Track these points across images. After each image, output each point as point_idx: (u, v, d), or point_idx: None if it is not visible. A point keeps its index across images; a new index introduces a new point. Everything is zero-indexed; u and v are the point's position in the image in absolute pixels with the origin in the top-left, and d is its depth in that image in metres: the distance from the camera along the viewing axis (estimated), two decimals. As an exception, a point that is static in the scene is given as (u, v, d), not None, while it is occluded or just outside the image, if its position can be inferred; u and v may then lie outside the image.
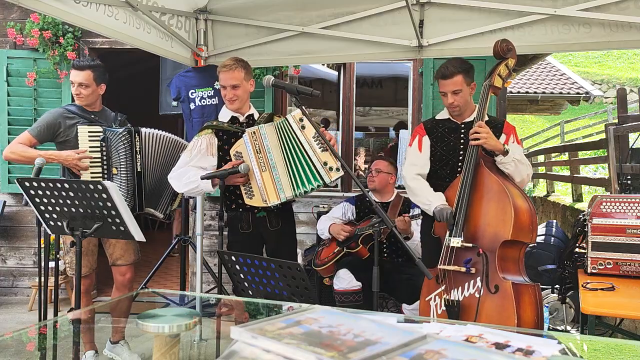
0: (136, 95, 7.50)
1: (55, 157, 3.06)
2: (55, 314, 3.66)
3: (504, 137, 2.78)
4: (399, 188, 3.94)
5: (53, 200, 2.35)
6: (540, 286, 2.65)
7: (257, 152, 2.78)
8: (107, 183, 2.28)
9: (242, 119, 2.96)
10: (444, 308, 2.62)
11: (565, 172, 7.89)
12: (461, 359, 0.79)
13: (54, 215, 2.40)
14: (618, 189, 3.94)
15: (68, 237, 3.08)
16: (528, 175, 2.72)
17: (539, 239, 4.03)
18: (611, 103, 16.86)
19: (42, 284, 3.08)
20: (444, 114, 2.95)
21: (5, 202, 5.18)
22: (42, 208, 2.39)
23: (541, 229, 4.23)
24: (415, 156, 2.93)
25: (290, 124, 2.75)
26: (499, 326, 1.22)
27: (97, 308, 2.43)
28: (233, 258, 2.16)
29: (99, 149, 3.12)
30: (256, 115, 3.00)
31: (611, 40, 3.25)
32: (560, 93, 13.19)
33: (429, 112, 4.87)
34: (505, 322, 2.38)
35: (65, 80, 4.90)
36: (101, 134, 3.13)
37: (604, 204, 2.68)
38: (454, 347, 0.83)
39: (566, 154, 7.67)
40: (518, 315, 2.40)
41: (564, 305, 3.39)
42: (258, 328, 0.87)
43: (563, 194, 7.87)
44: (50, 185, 2.32)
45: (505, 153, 2.62)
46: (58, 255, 3.59)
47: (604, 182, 5.56)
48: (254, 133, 2.79)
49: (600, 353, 1.30)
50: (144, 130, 3.24)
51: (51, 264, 3.74)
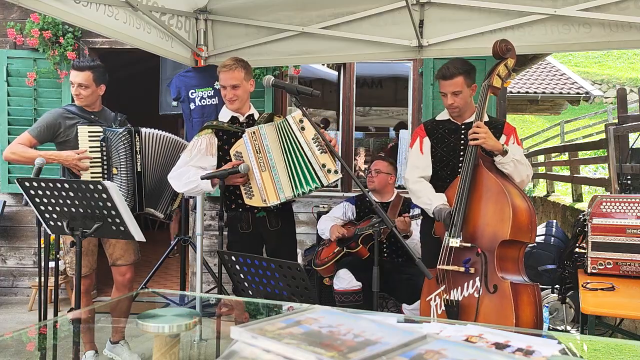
0: (136, 95, 7.49)
1: (56, 157, 3.06)
2: (55, 314, 3.66)
3: (504, 138, 2.78)
4: (399, 188, 3.94)
5: (53, 200, 2.35)
6: (540, 286, 2.65)
7: (257, 152, 2.77)
8: (107, 183, 2.28)
9: (242, 119, 2.96)
10: (444, 308, 2.63)
11: (565, 172, 7.89)
12: (461, 359, 0.79)
13: (54, 215, 2.40)
14: (618, 189, 3.94)
15: (68, 237, 3.08)
16: (528, 175, 2.71)
17: (539, 239, 4.03)
18: (611, 103, 16.87)
19: (42, 284, 3.08)
20: (444, 115, 2.94)
21: (5, 202, 5.18)
22: (42, 208, 2.39)
23: (541, 229, 4.23)
24: (417, 158, 2.92)
25: (290, 125, 2.75)
26: (499, 326, 1.22)
27: (97, 308, 2.43)
28: (233, 258, 2.16)
29: (99, 149, 3.12)
30: (256, 115, 3.00)
31: (611, 40, 3.26)
32: (560, 93, 13.19)
33: (429, 112, 4.87)
34: (503, 322, 2.38)
35: (65, 80, 4.90)
36: (101, 134, 3.13)
37: (604, 204, 2.68)
38: (454, 347, 0.83)
39: (566, 154, 7.67)
40: (516, 315, 2.40)
41: (564, 305, 3.39)
42: (258, 328, 0.87)
43: (563, 194, 7.87)
44: (50, 185, 2.32)
45: (505, 153, 2.62)
46: (58, 255, 3.59)
47: (604, 182, 5.56)
48: (254, 133, 2.79)
49: (600, 353, 1.30)
50: (144, 130, 3.24)
51: (51, 264, 3.74)
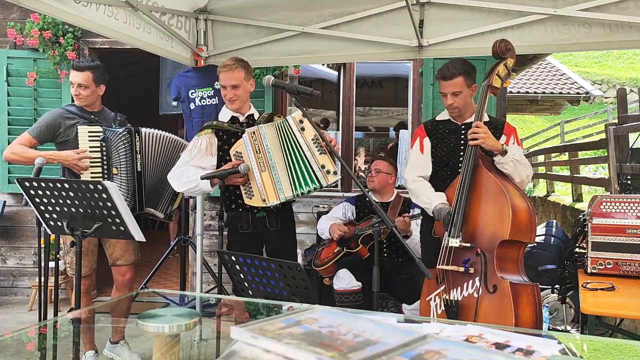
0: (136, 95, 7.49)
1: (56, 158, 3.06)
2: (55, 314, 3.66)
3: (504, 138, 2.78)
4: (399, 188, 3.94)
5: (53, 200, 2.35)
6: (540, 286, 2.65)
7: (257, 152, 2.77)
8: (107, 183, 2.28)
9: (242, 119, 2.96)
10: (443, 308, 2.63)
11: (565, 172, 7.89)
12: (461, 359, 0.79)
13: (54, 215, 2.40)
14: (618, 189, 3.94)
15: (68, 237, 3.08)
16: (528, 175, 2.71)
17: (539, 239, 4.03)
18: (611, 103, 16.86)
19: (42, 284, 3.08)
20: (444, 115, 2.94)
21: (5, 202, 5.18)
22: (42, 208, 2.39)
23: (541, 229, 4.22)
24: (417, 158, 2.93)
25: (290, 125, 2.75)
26: (499, 326, 1.22)
27: (97, 308, 2.42)
28: (233, 258, 2.16)
29: (99, 149, 3.12)
30: (256, 116, 3.00)
31: (611, 40, 3.25)
32: (560, 93, 13.19)
33: (429, 112, 4.87)
34: (503, 322, 2.38)
35: (65, 81, 4.89)
36: (101, 134, 3.13)
37: (604, 204, 2.68)
38: (454, 347, 0.83)
39: (566, 154, 7.67)
40: (516, 315, 2.40)
41: (564, 305, 3.39)
42: (258, 328, 0.87)
43: (563, 194, 7.87)
44: (50, 185, 2.32)
45: (504, 153, 2.62)
46: (58, 255, 3.59)
47: (604, 182, 5.56)
48: (254, 133, 2.79)
49: (600, 353, 1.30)
50: (143, 130, 3.24)
51: (51, 264, 3.74)
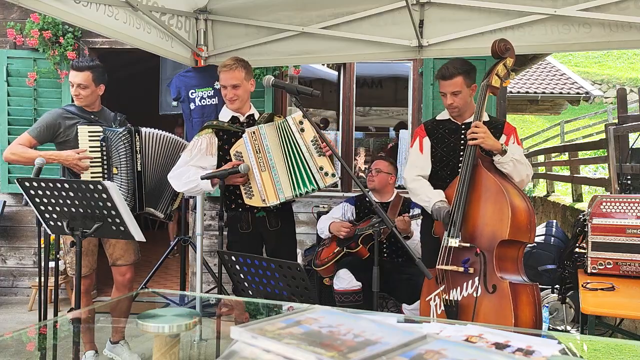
0: (136, 95, 7.49)
1: (56, 158, 3.06)
2: (55, 314, 3.66)
3: (504, 138, 2.78)
4: (399, 188, 3.94)
5: (53, 200, 2.35)
6: (540, 286, 2.65)
7: (257, 152, 2.77)
8: (107, 183, 2.28)
9: (243, 118, 2.96)
10: (443, 308, 2.63)
11: (565, 172, 7.90)
12: (461, 359, 0.79)
13: (54, 215, 2.40)
14: (618, 189, 3.94)
15: (68, 237, 3.08)
16: (528, 175, 2.71)
17: (539, 239, 4.03)
18: (611, 103, 16.87)
19: (42, 284, 3.08)
20: (444, 115, 2.94)
21: (5, 202, 5.18)
22: (42, 208, 2.39)
23: (541, 229, 4.22)
24: (417, 158, 2.93)
25: (289, 126, 2.75)
26: (499, 326, 1.22)
27: (97, 308, 2.43)
28: (233, 258, 2.16)
29: (99, 149, 3.12)
30: (257, 116, 3.00)
31: (611, 40, 3.25)
32: (560, 93, 13.18)
33: (429, 112, 4.87)
34: (502, 322, 2.38)
35: (65, 81, 4.89)
36: (101, 133, 3.13)
37: (604, 204, 2.68)
38: (454, 347, 0.83)
39: (566, 154, 7.67)
40: (515, 315, 2.40)
41: (564, 305, 3.39)
42: (258, 328, 0.87)
43: (563, 194, 7.87)
44: (50, 185, 2.32)
45: (504, 153, 2.62)
46: (58, 255, 3.59)
47: (604, 182, 5.56)
48: (254, 133, 2.79)
49: (600, 353, 1.30)
50: (143, 129, 3.24)
51: (51, 264, 3.74)
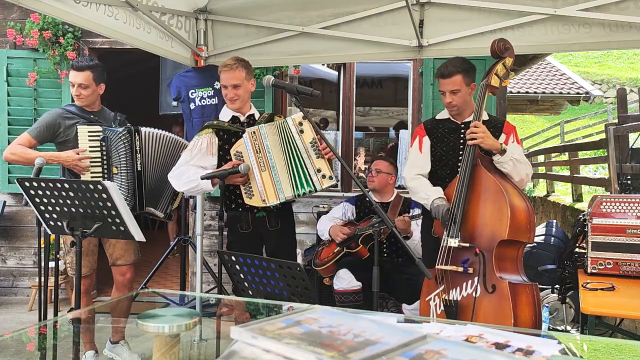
0: (136, 95, 7.49)
1: (56, 158, 3.06)
2: (55, 314, 3.66)
3: (503, 137, 2.78)
4: (399, 188, 3.94)
5: (53, 200, 2.35)
6: (540, 286, 2.65)
7: (257, 152, 2.77)
8: (107, 183, 2.28)
9: (243, 118, 2.96)
10: (443, 308, 2.63)
11: (565, 172, 7.89)
12: (461, 359, 0.79)
13: (54, 215, 2.40)
14: (618, 189, 3.94)
15: (68, 237, 3.08)
16: (527, 174, 2.71)
17: (539, 239, 4.03)
18: (611, 103, 16.86)
19: (42, 284, 3.08)
20: (444, 114, 2.94)
21: (5, 202, 5.18)
22: (42, 208, 2.39)
23: (541, 229, 4.22)
24: (416, 157, 2.93)
25: (289, 127, 2.75)
26: (499, 326, 1.22)
27: (97, 308, 2.43)
28: (233, 258, 2.16)
29: (98, 149, 3.12)
30: (257, 115, 3.00)
31: (611, 40, 3.25)
32: (560, 93, 13.18)
33: (429, 112, 4.87)
34: (502, 322, 2.38)
35: (65, 80, 4.89)
36: (101, 133, 3.13)
37: (604, 204, 2.68)
38: (454, 347, 0.83)
39: (566, 154, 7.67)
40: (515, 315, 2.40)
41: (564, 305, 3.39)
42: (258, 328, 0.87)
43: (563, 194, 7.87)
44: (50, 185, 2.32)
45: (503, 152, 2.62)
46: (58, 255, 3.59)
47: (604, 182, 5.56)
48: (254, 133, 2.79)
49: (600, 353, 1.30)
50: (143, 129, 3.24)
51: (51, 264, 3.74)
